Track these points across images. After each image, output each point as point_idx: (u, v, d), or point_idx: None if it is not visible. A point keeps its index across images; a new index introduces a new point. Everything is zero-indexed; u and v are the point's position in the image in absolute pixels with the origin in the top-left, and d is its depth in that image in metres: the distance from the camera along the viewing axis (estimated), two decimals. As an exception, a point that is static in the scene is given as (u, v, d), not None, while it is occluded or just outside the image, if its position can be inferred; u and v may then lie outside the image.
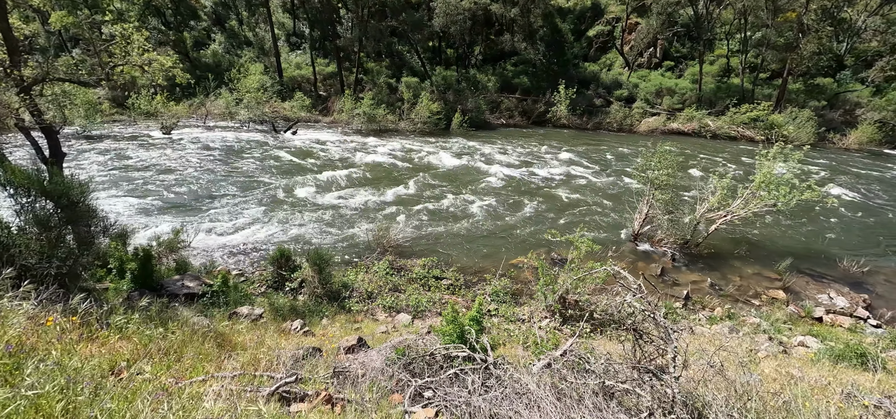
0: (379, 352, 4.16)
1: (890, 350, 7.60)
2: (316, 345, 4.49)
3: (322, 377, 3.25)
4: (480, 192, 15.96)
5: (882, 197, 18.12)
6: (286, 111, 30.04)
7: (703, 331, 7.62)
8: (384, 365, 3.64)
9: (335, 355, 4.26)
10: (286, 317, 6.34)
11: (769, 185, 10.72)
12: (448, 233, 12.15)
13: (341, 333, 5.90)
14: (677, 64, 37.47)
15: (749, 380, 4.54)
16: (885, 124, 29.01)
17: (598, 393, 2.90)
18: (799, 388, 4.69)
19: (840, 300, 9.80)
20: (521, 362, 4.41)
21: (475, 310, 4.15)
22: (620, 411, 2.62)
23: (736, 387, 3.21)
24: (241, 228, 11.76)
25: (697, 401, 2.83)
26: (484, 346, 3.74)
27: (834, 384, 4.92)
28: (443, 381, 3.21)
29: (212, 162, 17.96)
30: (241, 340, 4.09)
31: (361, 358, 4.12)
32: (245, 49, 39.86)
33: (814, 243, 12.97)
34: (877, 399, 4.29)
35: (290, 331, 5.67)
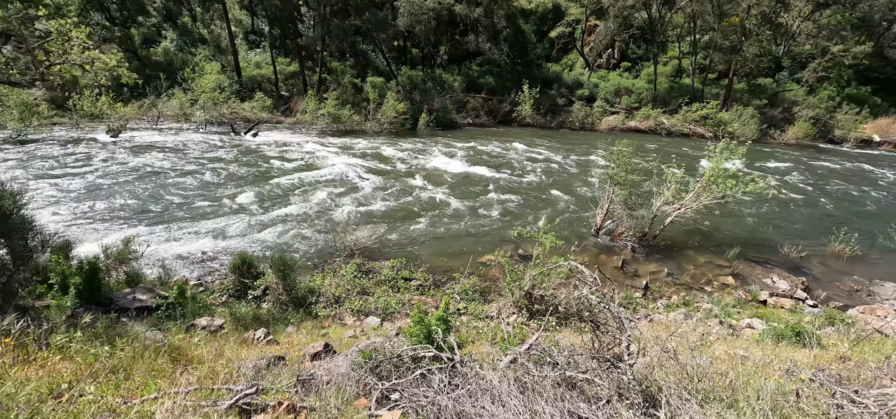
0: (346, 358, 4.10)
1: (825, 327, 8.29)
2: (280, 354, 4.36)
3: (285, 386, 3.16)
4: (448, 191, 16.02)
5: (816, 187, 19.76)
6: (246, 112, 28.91)
7: (661, 318, 8.02)
8: (350, 370, 3.59)
9: (300, 363, 4.15)
10: (249, 326, 6.11)
11: (717, 179, 11.43)
12: (417, 233, 12.13)
13: (308, 340, 5.76)
14: (634, 65, 39.18)
15: (700, 362, 4.83)
16: (819, 120, 31.62)
17: (560, 384, 2.99)
18: (745, 367, 5.04)
19: (782, 283, 10.60)
20: (489, 358, 4.48)
21: (442, 309, 4.17)
22: (581, 400, 2.71)
23: (687, 370, 3.40)
24: (200, 236, 11.21)
25: (653, 386, 2.98)
26: (451, 345, 3.76)
27: (776, 362, 5.31)
28: (410, 383, 3.21)
29: (165, 166, 17.00)
30: (199, 353, 3.90)
31: (328, 364, 4.04)
32: (199, 47, 37.98)
33: (759, 232, 13.94)
34: (812, 373, 4.65)
35: (253, 340, 5.47)
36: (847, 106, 32.61)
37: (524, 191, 16.65)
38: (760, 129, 30.11)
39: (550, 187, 17.24)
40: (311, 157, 19.88)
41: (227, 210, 12.98)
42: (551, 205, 15.18)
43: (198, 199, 13.78)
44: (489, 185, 17.28)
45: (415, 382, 3.25)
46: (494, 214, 13.96)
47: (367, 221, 12.62)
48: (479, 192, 16.15)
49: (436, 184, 16.93)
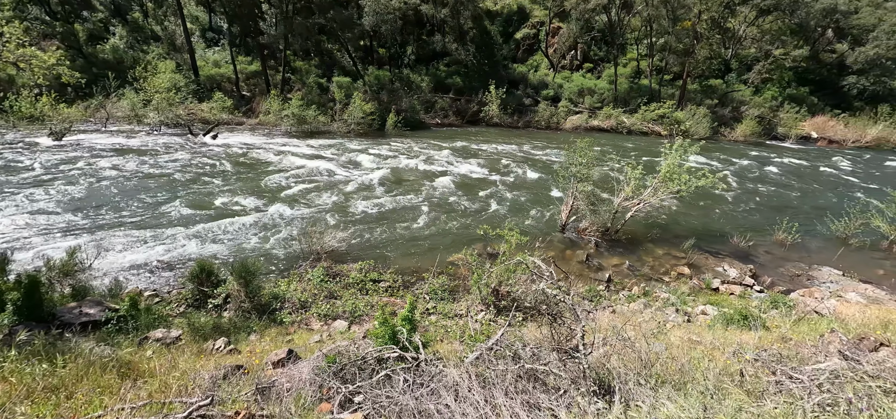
0: (309, 363, 4.02)
1: (770, 310, 8.90)
2: (240, 364, 4.21)
3: (244, 396, 3.06)
4: (417, 191, 15.99)
5: (762, 181, 21.17)
6: (204, 113, 27.68)
7: (623, 309, 8.36)
8: (313, 375, 3.53)
9: (262, 371, 4.03)
10: (209, 336, 5.86)
11: (672, 175, 12.02)
12: (386, 234, 12.03)
13: (271, 347, 5.59)
14: (596, 66, 40.54)
15: (656, 349, 5.08)
16: (763, 119, 33.88)
17: (521, 377, 3.06)
18: (697, 351, 5.34)
19: (732, 271, 11.28)
20: (456, 356, 4.53)
21: (407, 310, 4.16)
22: (541, 391, 2.80)
23: (642, 357, 3.58)
24: (155, 244, 10.63)
25: (609, 373, 3.11)
26: (416, 345, 3.77)
27: (725, 345, 5.66)
28: (373, 384, 3.19)
29: (116, 171, 16.00)
30: (151, 367, 3.71)
31: (290, 371, 3.95)
32: (152, 45, 35.99)
33: (712, 224, 14.78)
34: (755, 354, 4.99)
35: (212, 351, 5.25)
36: (788, 105, 35.14)
37: (492, 189, 16.87)
38: (712, 127, 31.91)
39: (518, 186, 17.56)
40: (274, 160, 19.29)
41: (185, 216, 12.38)
42: (519, 202, 15.46)
43: (152, 205, 13.06)
44: (458, 184, 17.38)
45: (379, 383, 3.24)
46: (463, 213, 14.06)
47: (334, 224, 12.39)
48: (448, 192, 16.22)
49: (404, 184, 16.85)
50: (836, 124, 34.47)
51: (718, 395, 3.30)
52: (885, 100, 36.43)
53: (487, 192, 16.44)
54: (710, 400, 3.03)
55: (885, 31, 35.61)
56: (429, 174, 18.53)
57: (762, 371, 4.41)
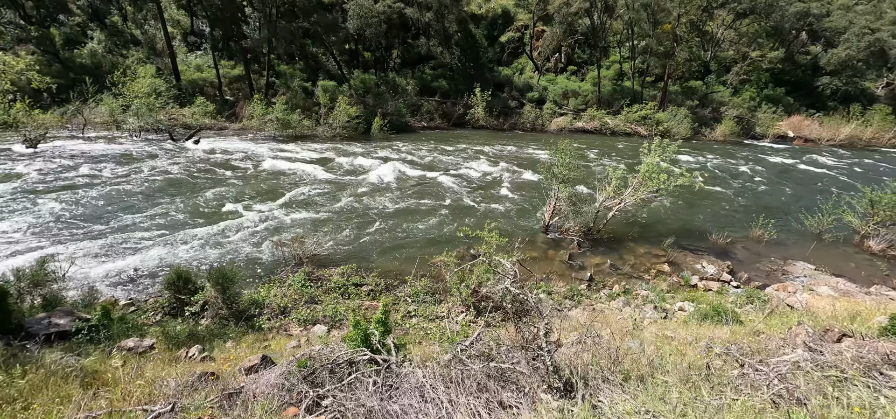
0: (281, 368, 3.99)
1: (746, 305, 9.12)
2: (212, 371, 4.16)
3: (209, 402, 3.02)
4: (402, 194, 15.98)
5: (740, 179, 21.68)
6: (186, 118, 27.20)
7: (603, 307, 8.47)
8: (283, 380, 3.50)
9: (232, 378, 3.98)
10: (183, 344, 5.76)
11: (652, 174, 12.24)
12: (369, 238, 11.99)
13: (247, 354, 5.53)
14: (580, 68, 41.08)
15: (630, 345, 5.16)
16: (742, 119, 34.74)
17: (492, 376, 3.09)
18: (671, 347, 5.44)
19: (710, 268, 11.51)
20: (432, 358, 4.53)
21: (380, 313, 4.16)
22: (508, 390, 2.83)
23: (610, 354, 3.64)
24: (133, 252, 10.40)
25: (576, 370, 3.15)
26: (388, 347, 3.77)
27: (698, 340, 5.78)
28: (342, 387, 3.18)
29: (93, 178, 15.62)
30: (115, 376, 3.63)
31: (262, 377, 3.91)
32: (132, 49, 35.30)
33: (691, 222, 15.07)
34: (726, 347, 5.11)
35: (185, 359, 5.17)
36: (765, 105, 36.11)
37: (478, 191, 16.94)
38: (693, 127, 32.59)
39: (503, 187, 17.67)
40: (257, 165, 19.07)
41: (165, 223, 12.15)
42: (504, 204, 15.55)
43: (131, 212, 12.79)
44: (443, 187, 17.41)
45: (348, 386, 3.23)
46: (448, 216, 14.08)
47: (317, 229, 12.30)
48: (433, 195, 16.23)
49: (389, 188, 16.82)
50: (811, 124, 35.53)
51: (683, 388, 3.37)
52: (856, 99, 37.71)
53: (472, 194, 16.51)
54: (672, 392, 3.09)
55: (856, 34, 36.90)
56: (414, 177, 18.52)
57: (730, 364, 4.52)
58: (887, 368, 3.41)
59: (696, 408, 2.77)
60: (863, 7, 44.87)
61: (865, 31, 36.73)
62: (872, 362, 3.68)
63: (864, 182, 17.46)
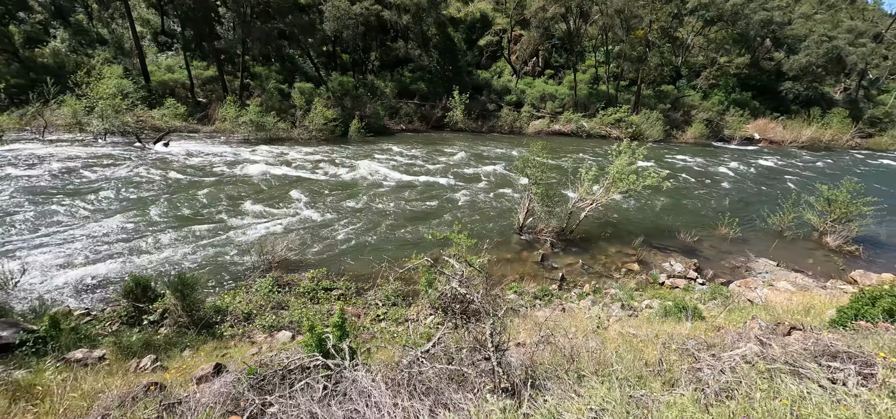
0: (233, 376, 3.86)
1: (710, 301, 9.39)
2: (158, 381, 3.99)
3: (148, 414, 2.89)
4: (377, 197, 15.84)
5: (709, 179, 22.41)
6: (155, 120, 26.30)
7: (573, 306, 8.57)
8: (231, 388, 3.39)
9: (181, 387, 3.83)
10: (137, 354, 5.53)
11: (621, 175, 12.50)
12: (343, 241, 11.82)
13: (205, 362, 5.34)
14: (557, 72, 41.76)
15: (592, 344, 5.22)
16: (711, 122, 35.94)
17: (443, 377, 3.05)
18: (632, 344, 5.53)
19: (678, 266, 11.82)
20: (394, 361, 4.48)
21: (337, 316, 4.08)
22: (455, 392, 2.80)
23: (565, 353, 3.66)
24: (93, 260, 9.93)
25: (528, 370, 3.16)
26: (343, 352, 3.69)
27: (659, 336, 5.89)
28: (289, 394, 3.09)
29: (52, 183, 14.90)
30: (50, 389, 3.44)
31: (212, 385, 3.77)
32: (98, 48, 33.94)
33: (661, 221, 15.45)
34: (685, 342, 5.21)
35: (136, 369, 4.95)
36: (733, 109, 37.48)
37: (454, 194, 16.95)
38: (665, 130, 33.53)
39: (480, 189, 17.73)
40: (228, 168, 18.58)
41: (128, 229, 11.68)
42: (480, 206, 15.60)
43: (91, 218, 12.23)
44: (419, 189, 17.36)
45: (298, 393, 3.15)
46: (424, 218, 14.03)
47: (289, 233, 12.05)
48: (409, 197, 16.16)
49: (364, 190, 16.65)
50: (775, 126, 37.09)
51: (634, 384, 3.42)
52: (816, 103, 39.59)
53: (449, 196, 16.50)
54: (615, 390, 3.12)
55: (815, 41, 38.76)
56: (390, 180, 18.40)
57: (686, 358, 4.62)
58: (826, 359, 3.54)
59: (641, 405, 2.80)
60: (821, 16, 47.24)
61: (824, 38, 38.63)
62: (815, 353, 3.82)
63: (824, 181, 18.26)
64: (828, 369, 3.30)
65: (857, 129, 37.67)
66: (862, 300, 5.69)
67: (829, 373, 3.22)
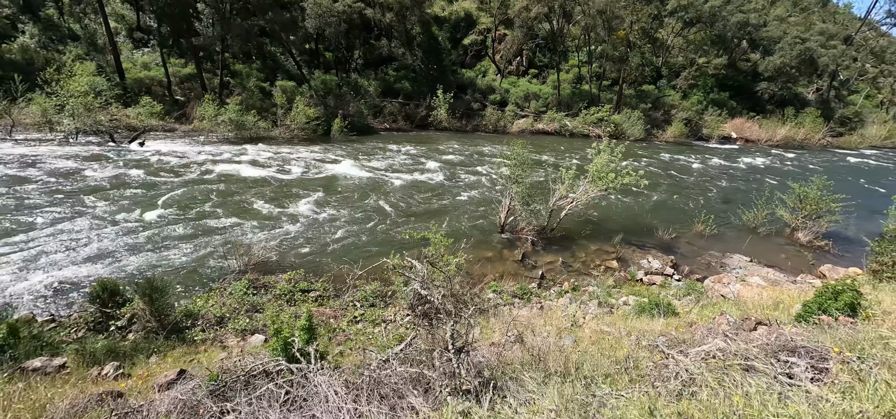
0: (196, 383, 3.75)
1: (685, 297, 9.56)
2: (118, 390, 3.85)
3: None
4: (358, 196, 15.70)
5: (686, 176, 22.88)
6: (131, 119, 25.53)
7: (552, 304, 8.63)
8: (190, 395, 3.29)
9: (141, 395, 3.71)
10: (101, 361, 5.34)
11: (600, 173, 12.65)
12: (323, 242, 11.67)
13: (173, 368, 5.19)
14: (541, 72, 42.07)
15: (565, 342, 5.25)
16: (690, 121, 36.71)
17: (408, 379, 3.02)
18: (606, 341, 5.59)
19: (655, 263, 12.03)
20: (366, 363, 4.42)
21: (304, 320, 4.01)
22: (417, 395, 2.77)
23: (534, 353, 3.67)
24: (60, 264, 9.56)
25: (496, 371, 3.15)
26: (308, 355, 3.63)
27: (632, 333, 5.98)
28: (251, 401, 3.02)
29: (16, 184, 14.31)
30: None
31: (172, 393, 3.66)
32: (70, 44, 32.79)
33: (640, 219, 15.69)
34: (656, 339, 5.30)
35: (97, 378, 4.78)
36: (712, 109, 38.35)
37: (436, 193, 16.92)
38: (646, 129, 34.11)
39: (462, 188, 17.74)
40: (206, 168, 18.16)
41: (98, 232, 11.29)
42: (462, 205, 15.60)
43: (59, 221, 11.79)
44: (401, 188, 17.27)
45: (257, 399, 3.07)
46: (404, 218, 13.96)
47: (268, 234, 11.84)
48: (390, 197, 16.05)
49: (345, 190, 16.48)
50: (751, 125, 38.10)
51: (599, 382, 3.44)
52: (790, 103, 40.83)
53: (431, 196, 16.46)
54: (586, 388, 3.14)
55: (789, 43, 39.93)
56: (371, 179, 18.26)
57: (655, 355, 4.68)
58: (785, 354, 3.63)
59: (602, 404, 2.82)
60: (795, 18, 48.72)
61: (797, 40, 39.83)
62: (776, 348, 3.91)
63: (797, 179, 18.81)
64: (785, 364, 3.38)
65: (828, 129, 38.99)
66: (825, 295, 5.87)
67: (786, 368, 3.30)
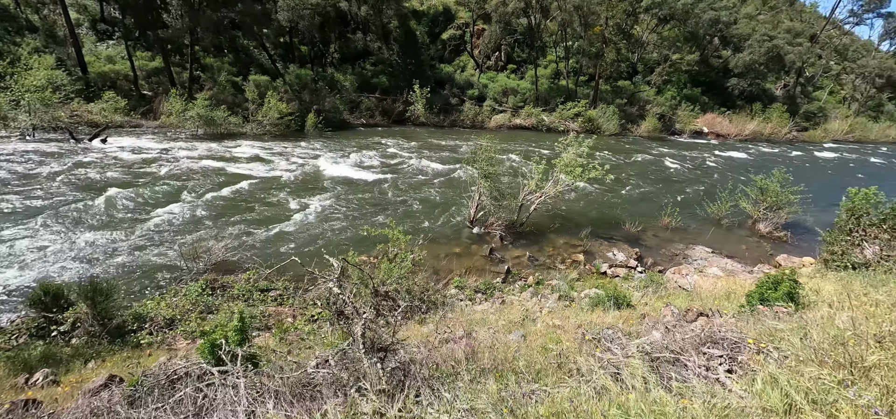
0: (121, 389, 3.63)
1: (645, 289, 9.77)
2: (39, 398, 3.69)
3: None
4: (327, 193, 15.49)
5: (657, 170, 23.39)
6: (93, 115, 24.54)
7: (513, 298, 8.70)
8: (105, 402, 3.17)
9: (58, 403, 3.56)
10: (32, 368, 5.11)
11: (568, 167, 12.80)
12: (287, 240, 11.46)
13: (114, 373, 5.01)
14: (519, 67, 42.26)
15: (511, 337, 5.29)
16: (664, 116, 37.49)
17: (328, 382, 2.97)
18: (554, 335, 5.65)
19: (620, 255, 12.26)
20: (309, 361, 4.35)
21: (236, 321, 3.91)
22: (333, 396, 2.74)
23: (465, 351, 3.68)
24: (4, 268, 9.12)
25: (419, 370, 3.14)
26: (236, 357, 3.53)
27: (583, 326, 6.06)
28: (165, 407, 2.92)
29: (-38, 184, 13.59)
30: None
31: (92, 400, 3.53)
32: (28, 36, 31.23)
33: (609, 212, 15.97)
34: (599, 333, 5.38)
35: (26, 384, 4.57)
36: (685, 104, 39.26)
37: (408, 188, 16.82)
38: (621, 123, 34.70)
39: (435, 183, 17.69)
40: (170, 165, 17.60)
41: (51, 234, 10.81)
42: (434, 200, 15.56)
43: (7, 223, 11.24)
44: (372, 185, 17.11)
45: (174, 405, 2.98)
46: (373, 214, 13.84)
47: (229, 233, 11.55)
48: (360, 193, 15.90)
49: (313, 187, 16.24)
50: (722, 120, 39.19)
51: (531, 379, 3.46)
52: (759, 99, 42.16)
53: (402, 192, 16.36)
54: (517, 385, 3.15)
55: (757, 40, 41.17)
56: (340, 176, 18.03)
57: (596, 349, 4.75)
58: (709, 346, 3.74)
59: (520, 402, 2.83)
60: (764, 16, 50.23)
61: (765, 38, 41.10)
62: (703, 340, 4.01)
63: (762, 172, 19.41)
64: (705, 356, 3.47)
65: (794, 123, 40.43)
66: (765, 285, 6.07)
67: (705, 360, 3.39)
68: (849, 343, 2.84)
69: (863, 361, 2.62)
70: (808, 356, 2.85)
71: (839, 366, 2.62)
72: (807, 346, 3.00)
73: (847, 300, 5.86)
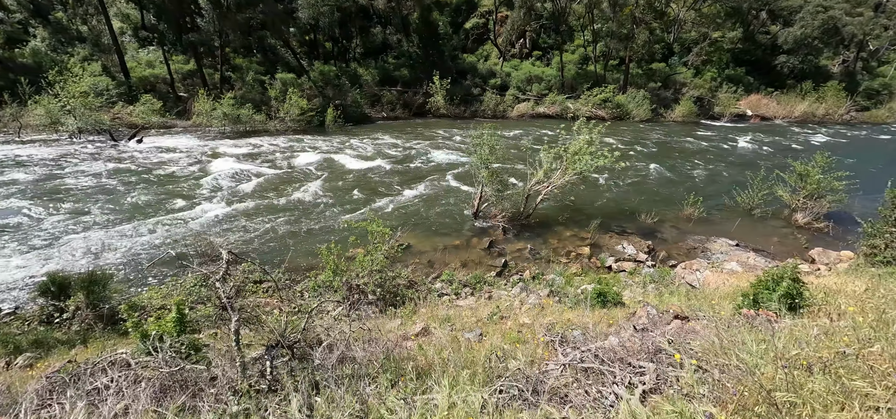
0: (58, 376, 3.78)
1: (650, 285, 9.18)
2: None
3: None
4: (338, 188, 15.71)
5: (689, 158, 21.93)
6: (132, 117, 26.27)
7: (502, 294, 8.43)
8: (43, 385, 3.31)
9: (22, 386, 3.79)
10: (20, 351, 5.51)
11: (577, 156, 12.20)
12: (290, 233, 11.74)
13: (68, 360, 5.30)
14: (545, 53, 40.95)
15: (467, 336, 5.09)
16: (701, 99, 35.13)
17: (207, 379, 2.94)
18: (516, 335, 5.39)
19: (630, 248, 11.60)
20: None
21: (175, 312, 3.98)
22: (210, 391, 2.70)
23: (391, 352, 3.54)
24: (43, 259, 9.96)
25: (330, 371, 3.04)
26: (162, 349, 3.58)
27: (556, 326, 5.74)
28: (81, 394, 3.00)
29: (14, 185, 14.93)
30: None
31: (37, 384, 3.70)
32: (78, 46, 33.85)
33: (625, 203, 15.15)
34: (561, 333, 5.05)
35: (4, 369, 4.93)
36: (726, 85, 36.57)
37: (419, 180, 16.75)
38: (652, 109, 32.86)
39: (447, 175, 17.51)
40: (194, 162, 18.51)
41: (80, 229, 11.67)
42: (442, 192, 15.41)
43: (46, 218, 12.25)
44: (383, 178, 17.19)
45: (88, 393, 3.05)
46: (380, 207, 13.89)
47: (238, 226, 11.99)
48: (372, 187, 16.01)
49: (326, 181, 16.52)
50: (768, 101, 36.21)
51: (447, 383, 3.27)
52: (811, 77, 38.49)
53: (412, 184, 16.32)
54: (452, 391, 2.98)
55: (811, 12, 37.51)
56: (356, 169, 18.24)
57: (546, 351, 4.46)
58: (644, 357, 3.38)
59: (424, 405, 2.67)
60: (819, -15, 45.58)
61: (819, 8, 37.36)
62: (656, 348, 3.65)
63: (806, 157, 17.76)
64: (633, 369, 3.14)
65: (852, 103, 36.63)
66: (764, 283, 5.48)
67: (632, 373, 3.06)
68: (791, 367, 2.44)
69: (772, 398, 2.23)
70: (700, 392, 2.51)
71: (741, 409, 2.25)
72: (703, 381, 2.63)
73: (865, 301, 5.21)
